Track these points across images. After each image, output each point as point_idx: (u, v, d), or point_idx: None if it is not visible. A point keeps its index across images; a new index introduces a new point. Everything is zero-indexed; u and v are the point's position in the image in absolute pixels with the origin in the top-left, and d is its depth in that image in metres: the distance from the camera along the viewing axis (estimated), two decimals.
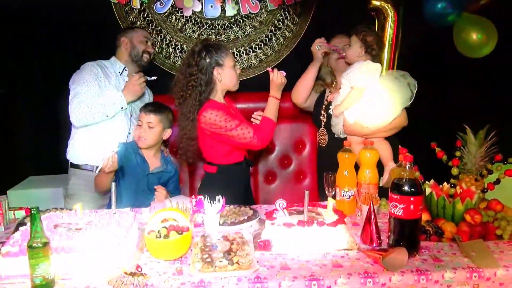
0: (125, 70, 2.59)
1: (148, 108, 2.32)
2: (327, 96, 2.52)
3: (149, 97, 2.73)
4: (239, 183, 2.37)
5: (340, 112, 2.24)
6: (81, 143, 2.50)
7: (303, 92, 2.56)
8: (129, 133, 2.54)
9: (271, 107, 2.23)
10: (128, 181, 2.22)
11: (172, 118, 2.40)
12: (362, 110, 2.19)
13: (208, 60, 2.16)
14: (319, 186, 2.62)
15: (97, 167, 2.48)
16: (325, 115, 2.47)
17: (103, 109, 2.38)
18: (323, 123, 2.48)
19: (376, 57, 2.27)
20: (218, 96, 2.24)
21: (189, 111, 2.16)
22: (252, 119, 2.36)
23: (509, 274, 1.43)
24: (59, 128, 2.63)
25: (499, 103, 2.91)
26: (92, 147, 2.46)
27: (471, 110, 2.80)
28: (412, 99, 2.20)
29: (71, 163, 2.56)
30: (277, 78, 2.20)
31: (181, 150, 2.25)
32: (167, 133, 2.37)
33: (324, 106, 2.49)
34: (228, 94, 2.36)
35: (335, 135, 2.35)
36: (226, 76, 2.21)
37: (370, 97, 2.18)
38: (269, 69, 2.24)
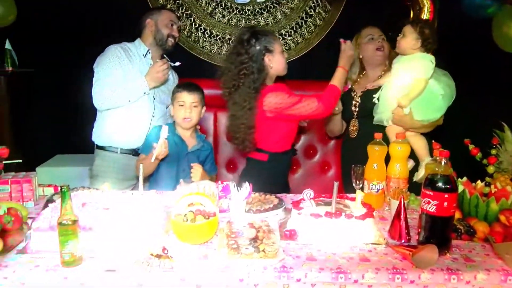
0: (149, 53, 2.57)
1: (192, 87, 2.31)
2: (358, 87, 2.47)
3: (174, 80, 2.72)
4: (285, 171, 2.43)
5: (410, 102, 2.15)
6: (106, 126, 2.52)
7: (337, 128, 2.60)
8: (153, 116, 2.54)
9: (339, 76, 2.22)
10: (169, 163, 2.23)
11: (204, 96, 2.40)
12: (419, 102, 2.14)
13: (258, 47, 2.14)
14: (343, 177, 2.59)
15: (121, 149, 2.52)
16: (357, 104, 2.43)
17: (126, 94, 2.40)
18: (355, 114, 2.44)
19: (429, 51, 2.19)
20: (269, 82, 2.23)
21: (244, 100, 2.15)
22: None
23: None
24: (88, 108, 2.65)
25: None
26: (117, 130, 2.49)
27: (509, 106, 2.69)
28: (453, 100, 2.17)
29: (96, 144, 2.59)
30: (349, 48, 2.22)
31: (238, 140, 2.25)
32: (203, 111, 2.38)
33: (356, 96, 2.44)
34: None
35: (374, 123, 2.29)
36: (276, 62, 2.19)
37: (428, 90, 2.14)
38: (342, 40, 2.26)
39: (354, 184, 1.96)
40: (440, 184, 1.46)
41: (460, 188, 1.77)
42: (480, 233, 1.62)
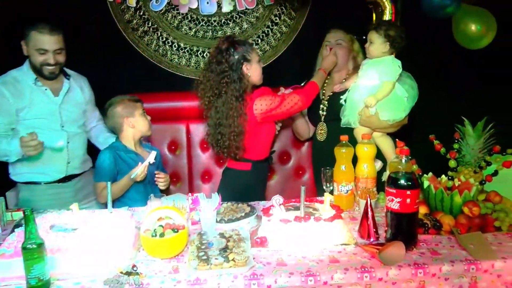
0: (37, 81, 2.26)
1: (139, 98, 2.29)
2: (325, 90, 2.51)
3: (83, 95, 2.47)
4: (266, 179, 2.52)
5: (376, 102, 2.18)
6: (22, 163, 2.29)
7: (304, 131, 2.67)
8: (68, 142, 2.32)
9: (319, 76, 2.36)
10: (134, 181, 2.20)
11: None
12: (384, 103, 2.18)
13: (236, 57, 2.18)
14: (316, 181, 2.62)
15: (44, 182, 2.34)
16: (325, 108, 2.46)
17: (4, 153, 2.17)
18: (323, 117, 2.47)
19: (399, 49, 2.24)
20: (249, 91, 2.25)
21: (230, 108, 2.17)
22: None
23: (507, 266, 1.43)
24: None
25: (497, 95, 2.89)
26: (34, 165, 2.31)
27: (469, 101, 2.77)
28: (416, 100, 2.24)
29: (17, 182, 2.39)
30: (332, 55, 2.39)
31: (225, 147, 2.24)
32: None
33: (324, 100, 2.48)
34: None
35: (342, 126, 2.31)
36: (254, 71, 2.23)
37: (394, 91, 2.19)
38: (329, 47, 2.43)
39: (324, 187, 1.99)
40: (402, 182, 1.50)
41: (426, 183, 1.82)
42: (446, 226, 1.66)
